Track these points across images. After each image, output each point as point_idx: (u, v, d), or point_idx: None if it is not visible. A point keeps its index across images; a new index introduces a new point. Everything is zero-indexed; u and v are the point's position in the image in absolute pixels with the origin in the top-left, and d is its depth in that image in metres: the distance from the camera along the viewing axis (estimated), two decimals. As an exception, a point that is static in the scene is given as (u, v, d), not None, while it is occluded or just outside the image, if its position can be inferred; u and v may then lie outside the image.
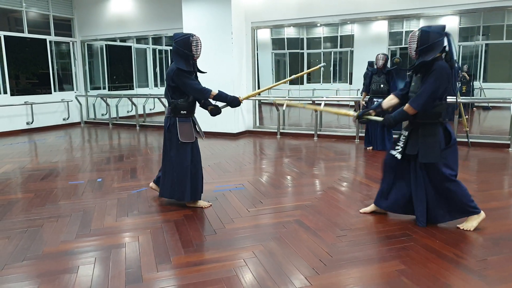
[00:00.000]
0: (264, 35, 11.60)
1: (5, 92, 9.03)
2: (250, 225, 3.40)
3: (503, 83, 9.66)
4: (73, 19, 10.56)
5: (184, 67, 3.56)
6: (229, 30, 7.81)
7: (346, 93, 10.04)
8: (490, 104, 9.89)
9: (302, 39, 11.40)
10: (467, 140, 6.64)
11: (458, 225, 3.22)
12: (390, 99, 3.37)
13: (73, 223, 3.48)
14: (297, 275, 2.52)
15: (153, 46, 11.97)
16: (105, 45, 10.93)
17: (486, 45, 9.82)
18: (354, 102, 7.02)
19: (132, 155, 6.45)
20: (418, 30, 3.06)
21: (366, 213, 3.60)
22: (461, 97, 6.72)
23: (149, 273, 2.58)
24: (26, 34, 9.45)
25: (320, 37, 11.56)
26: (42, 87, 9.85)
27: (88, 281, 2.49)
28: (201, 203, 3.87)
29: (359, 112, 3.41)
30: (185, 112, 3.69)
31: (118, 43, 11.04)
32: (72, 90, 10.71)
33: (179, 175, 3.72)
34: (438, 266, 2.61)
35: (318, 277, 2.49)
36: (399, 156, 3.23)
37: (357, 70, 9.49)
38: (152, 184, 4.18)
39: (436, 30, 3.03)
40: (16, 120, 9.14)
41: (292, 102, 3.68)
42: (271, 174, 5.22)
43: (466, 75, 9.00)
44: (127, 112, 10.88)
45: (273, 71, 12.45)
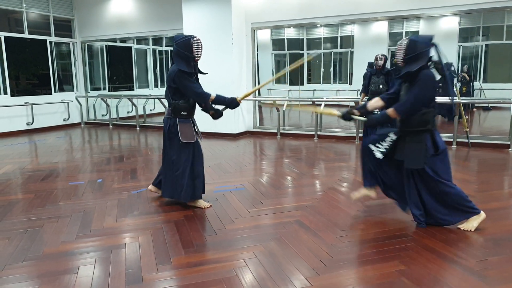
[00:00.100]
0: (264, 36, 11.62)
1: (5, 93, 9.04)
2: (250, 226, 3.40)
3: (503, 84, 9.66)
4: (73, 20, 10.57)
5: (186, 69, 3.57)
6: (229, 31, 7.82)
7: (346, 94, 10.06)
8: (490, 105, 9.90)
9: (302, 40, 11.42)
10: (467, 141, 6.65)
11: (459, 226, 3.22)
12: (376, 101, 3.41)
13: (74, 224, 3.49)
14: (297, 276, 2.53)
15: (153, 47, 11.99)
16: (105, 46, 10.94)
17: (486, 46, 9.83)
18: (354, 103, 7.03)
19: (132, 156, 6.45)
20: (406, 39, 3.10)
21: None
22: (461, 98, 6.72)
23: (150, 274, 2.58)
24: (26, 35, 9.46)
25: (320, 38, 11.59)
26: (42, 88, 9.86)
27: (89, 282, 2.50)
28: (202, 203, 3.88)
29: (344, 112, 3.44)
30: (186, 114, 3.70)
31: (118, 44, 11.05)
32: (72, 91, 10.71)
33: (180, 175, 3.72)
34: (438, 267, 2.61)
35: (318, 278, 2.49)
36: (379, 156, 3.25)
37: (357, 71, 9.51)
38: (152, 187, 4.17)
39: (424, 40, 3.07)
40: (16, 121, 9.14)
41: (292, 103, 3.71)
42: (271, 175, 5.22)
43: (466, 76, 9.01)
44: (127, 113, 10.89)
45: (273, 72, 12.45)
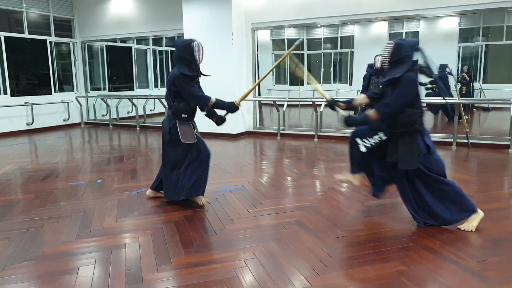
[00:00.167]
0: (264, 36, 11.61)
1: (5, 93, 9.04)
2: (251, 226, 3.40)
3: (503, 84, 9.65)
4: (73, 20, 10.57)
5: (187, 72, 3.59)
6: (230, 31, 7.82)
7: (347, 94, 10.05)
8: (490, 105, 9.89)
9: (302, 40, 11.42)
10: (467, 141, 6.65)
11: (459, 226, 3.22)
12: (362, 98, 3.43)
13: (74, 224, 3.49)
14: (298, 276, 2.53)
15: (154, 47, 11.98)
16: (106, 46, 10.94)
17: (486, 46, 9.82)
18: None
19: (133, 156, 6.45)
20: (392, 42, 3.12)
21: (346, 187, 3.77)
22: (461, 98, 6.72)
23: (150, 274, 2.59)
24: (27, 35, 9.46)
25: (321, 38, 11.58)
26: (42, 88, 9.86)
27: (89, 282, 2.50)
28: (201, 200, 3.88)
29: (330, 99, 3.44)
30: (186, 116, 3.72)
31: (119, 44, 11.05)
32: (72, 91, 10.71)
33: (181, 174, 3.73)
34: (438, 267, 2.61)
35: (319, 278, 2.50)
36: (363, 149, 3.27)
37: (357, 71, 9.51)
38: (150, 192, 4.17)
39: (409, 44, 3.10)
40: (16, 121, 9.14)
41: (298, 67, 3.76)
42: (271, 175, 5.22)
43: (466, 76, 9.01)
44: (127, 113, 10.88)
45: (273, 72, 12.45)
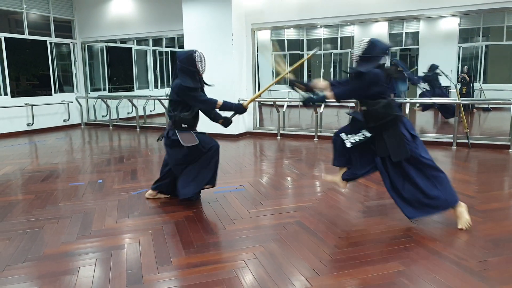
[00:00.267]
0: (264, 37, 11.61)
1: (6, 94, 9.04)
2: (251, 227, 3.41)
3: (503, 84, 9.65)
4: (74, 21, 10.58)
5: (191, 84, 3.59)
6: (230, 32, 7.82)
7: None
8: (490, 105, 9.90)
9: (302, 41, 11.42)
10: (467, 141, 6.65)
11: (459, 227, 3.23)
12: (322, 82, 3.49)
13: (74, 225, 3.49)
14: (298, 276, 2.53)
15: (154, 48, 11.97)
16: (106, 47, 10.95)
17: (486, 47, 9.82)
18: (354, 104, 7.03)
19: (133, 157, 6.45)
20: (368, 39, 3.18)
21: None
22: (461, 98, 6.72)
23: (150, 274, 2.59)
24: (27, 36, 9.46)
25: (320, 39, 11.58)
26: (43, 89, 9.86)
27: (89, 282, 2.50)
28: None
29: (293, 78, 3.53)
30: (186, 126, 3.71)
31: (119, 45, 11.04)
32: (73, 92, 10.71)
33: (193, 170, 3.79)
34: (439, 267, 2.61)
35: (319, 278, 2.50)
36: (349, 145, 3.30)
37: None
38: (151, 193, 4.18)
39: (381, 47, 3.17)
40: (17, 122, 9.15)
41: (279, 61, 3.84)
42: (272, 176, 5.22)
43: (466, 77, 9.00)
44: (128, 114, 10.88)
45: (273, 73, 12.45)
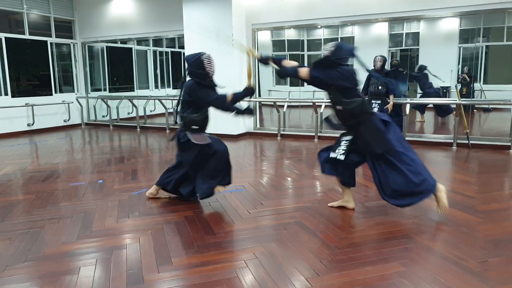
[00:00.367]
0: (265, 37, 11.61)
1: (6, 94, 9.05)
2: (251, 227, 3.41)
3: (504, 85, 9.65)
4: (74, 21, 10.59)
5: (204, 83, 3.67)
6: (230, 32, 7.83)
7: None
8: (491, 106, 9.90)
9: (303, 41, 11.42)
10: (468, 142, 6.65)
11: (439, 209, 3.40)
12: (292, 62, 3.64)
13: (74, 225, 3.49)
14: (298, 276, 2.53)
15: (154, 48, 11.99)
16: (106, 47, 10.95)
17: (487, 47, 9.82)
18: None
19: (133, 157, 6.45)
20: (335, 44, 3.37)
21: (335, 207, 3.82)
22: (462, 99, 6.72)
23: (150, 274, 2.59)
24: (27, 36, 9.47)
25: (321, 39, 11.58)
26: (43, 89, 9.87)
27: (90, 282, 2.50)
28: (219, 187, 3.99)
29: (263, 55, 3.76)
30: (197, 128, 3.73)
31: (119, 45, 11.05)
32: (73, 92, 10.72)
33: (204, 173, 3.80)
34: (439, 268, 2.61)
35: (319, 279, 2.50)
36: (342, 158, 3.45)
37: (357, 72, 9.50)
38: (153, 189, 4.18)
39: (348, 49, 3.37)
40: (17, 122, 9.15)
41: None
42: (272, 176, 5.22)
43: (467, 77, 9.00)
44: (128, 114, 10.89)
45: (274, 73, 12.46)
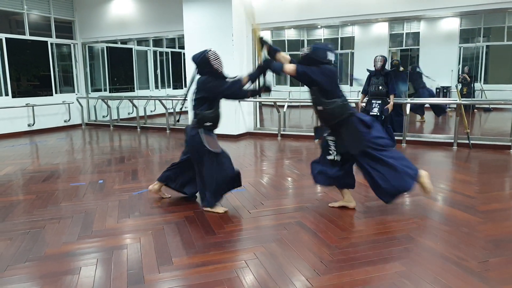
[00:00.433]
0: (265, 37, 11.62)
1: (7, 94, 9.05)
2: (251, 227, 3.41)
3: (504, 85, 9.65)
4: (74, 21, 10.60)
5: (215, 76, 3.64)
6: (230, 32, 7.83)
7: (347, 95, 10.06)
8: (491, 106, 9.89)
9: (303, 41, 11.43)
10: (468, 142, 6.65)
11: (425, 194, 3.59)
12: (287, 56, 3.70)
13: (75, 225, 3.49)
14: (298, 276, 2.53)
15: (154, 48, 12.00)
16: (106, 47, 10.96)
17: (487, 47, 9.82)
18: (355, 104, 7.03)
19: (133, 157, 6.46)
20: (310, 47, 3.50)
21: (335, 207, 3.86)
22: (462, 99, 6.72)
23: (151, 274, 2.59)
24: (28, 36, 9.47)
25: (321, 39, 11.58)
26: (43, 89, 9.87)
27: (90, 282, 2.50)
28: (219, 209, 3.78)
29: (264, 38, 3.84)
30: (211, 124, 3.65)
31: (119, 45, 11.06)
32: (73, 92, 10.72)
33: (213, 182, 3.67)
34: (439, 268, 2.61)
35: (319, 278, 2.50)
36: (339, 158, 3.59)
37: (358, 72, 9.51)
38: (157, 185, 4.13)
39: (323, 46, 3.51)
40: (18, 122, 9.16)
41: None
42: (272, 176, 5.22)
43: (467, 77, 9.01)
44: (128, 114, 10.90)
45: (273, 73, 12.45)
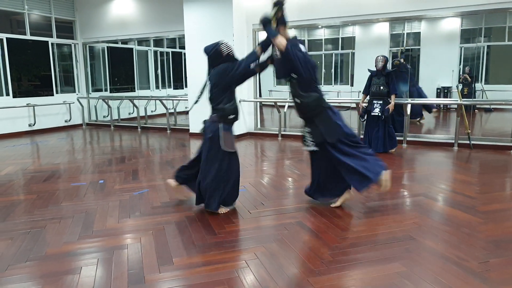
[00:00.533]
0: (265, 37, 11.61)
1: (8, 94, 9.06)
2: (252, 227, 3.41)
3: (505, 85, 9.63)
4: (75, 21, 10.61)
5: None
6: (230, 32, 7.83)
7: (348, 95, 10.04)
8: (492, 106, 9.88)
9: (304, 41, 11.43)
10: (469, 142, 6.64)
11: (382, 188, 3.59)
12: (287, 35, 3.76)
13: (76, 225, 3.50)
14: (299, 276, 2.53)
15: (155, 48, 12.00)
16: (107, 47, 10.97)
17: (488, 47, 9.80)
18: (356, 104, 7.03)
19: (134, 157, 6.46)
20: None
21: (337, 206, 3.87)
22: (463, 99, 6.71)
23: (152, 274, 2.59)
24: (28, 36, 9.48)
25: (321, 39, 11.58)
26: (44, 89, 9.88)
27: (91, 282, 2.51)
28: (222, 209, 3.76)
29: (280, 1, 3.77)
30: (234, 117, 3.62)
31: (120, 45, 11.06)
32: (74, 92, 10.73)
33: (222, 184, 3.63)
34: (440, 268, 2.61)
35: (320, 279, 2.50)
36: (317, 148, 3.67)
37: (358, 72, 9.50)
38: (172, 182, 4.04)
39: (295, 41, 3.64)
40: (18, 122, 9.17)
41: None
42: (273, 176, 5.23)
43: (468, 77, 8.99)
44: (129, 114, 10.90)
45: (274, 73, 12.45)
